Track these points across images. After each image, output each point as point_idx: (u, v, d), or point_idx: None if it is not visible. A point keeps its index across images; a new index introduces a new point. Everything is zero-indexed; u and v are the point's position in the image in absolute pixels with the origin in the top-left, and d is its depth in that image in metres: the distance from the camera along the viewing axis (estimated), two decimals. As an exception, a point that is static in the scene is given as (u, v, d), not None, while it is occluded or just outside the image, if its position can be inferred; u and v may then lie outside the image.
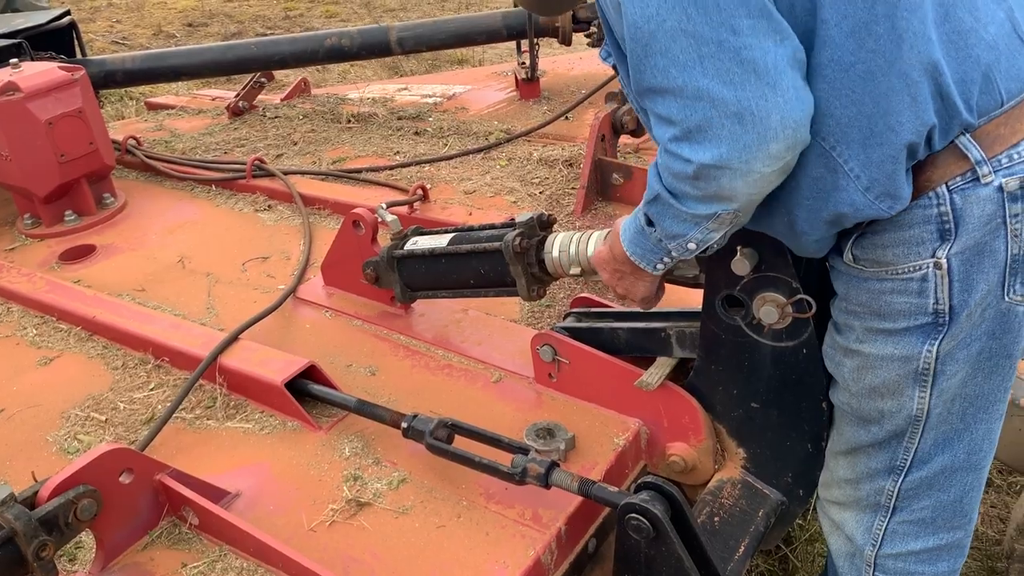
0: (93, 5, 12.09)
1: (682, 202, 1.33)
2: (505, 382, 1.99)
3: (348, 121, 3.78)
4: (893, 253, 1.35)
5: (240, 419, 1.94)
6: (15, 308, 2.52)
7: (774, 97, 1.18)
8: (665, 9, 1.19)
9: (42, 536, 1.36)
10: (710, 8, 1.17)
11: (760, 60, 1.18)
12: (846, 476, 1.60)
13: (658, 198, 1.37)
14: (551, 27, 3.72)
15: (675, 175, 1.30)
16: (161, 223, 3.01)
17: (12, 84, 2.80)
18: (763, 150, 1.21)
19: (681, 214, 1.35)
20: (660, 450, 1.83)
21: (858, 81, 1.24)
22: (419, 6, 10.73)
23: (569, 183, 2.90)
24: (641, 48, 1.24)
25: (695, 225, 1.35)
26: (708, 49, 1.18)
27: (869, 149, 1.27)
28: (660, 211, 1.39)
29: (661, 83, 1.24)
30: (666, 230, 1.40)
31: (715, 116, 1.20)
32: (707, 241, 1.39)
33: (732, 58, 1.18)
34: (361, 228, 2.21)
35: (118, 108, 6.90)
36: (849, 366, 1.49)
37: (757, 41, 1.17)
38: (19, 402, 2.08)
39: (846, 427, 1.57)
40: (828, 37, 1.23)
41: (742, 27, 1.17)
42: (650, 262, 1.50)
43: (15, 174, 2.90)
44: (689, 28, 1.18)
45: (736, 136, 1.20)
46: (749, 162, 1.22)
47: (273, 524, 1.62)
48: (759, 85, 1.18)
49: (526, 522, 1.59)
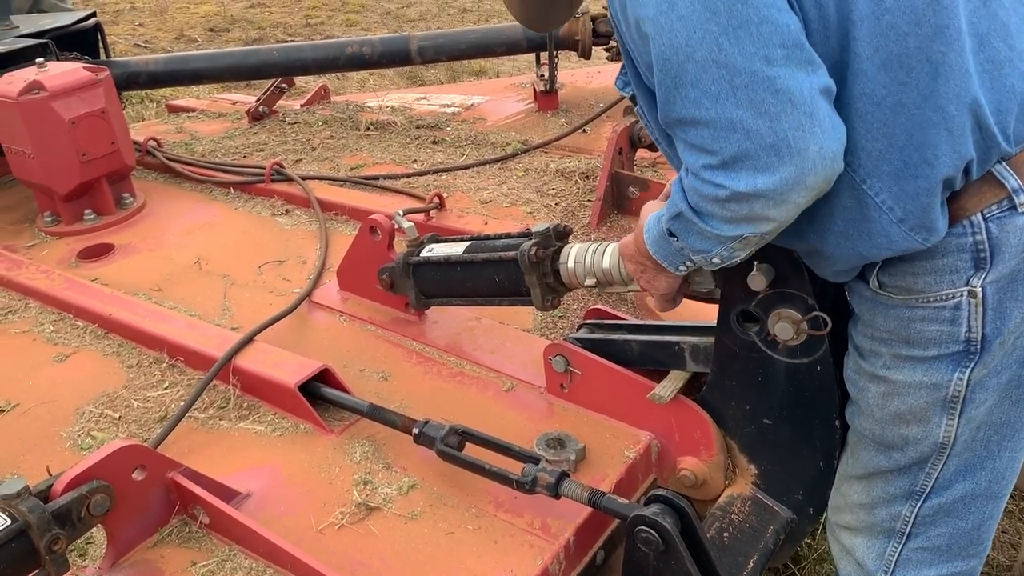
0: (116, 8, 12.22)
1: (708, 222, 1.31)
2: (517, 391, 2.00)
3: (367, 128, 3.80)
4: (925, 281, 1.33)
5: (253, 420, 1.95)
6: (33, 304, 2.54)
7: (811, 128, 1.16)
8: (695, 39, 1.16)
9: (55, 530, 1.37)
10: (743, 38, 1.14)
11: (796, 90, 1.16)
12: (860, 500, 1.58)
13: (681, 215, 1.35)
14: (571, 40, 3.74)
15: (704, 197, 1.28)
16: (179, 224, 3.04)
17: (37, 83, 2.84)
18: (801, 182, 1.19)
19: (706, 232, 1.32)
20: (671, 464, 1.82)
21: (889, 114, 1.23)
22: (439, 17, 10.80)
23: (585, 195, 2.90)
24: (671, 79, 1.22)
25: (720, 244, 1.33)
26: (741, 80, 1.16)
27: (903, 182, 1.26)
28: (683, 227, 1.37)
29: (693, 114, 1.21)
30: (690, 245, 1.38)
31: (751, 147, 1.18)
32: (732, 258, 1.37)
33: (767, 88, 1.15)
34: (378, 234, 2.22)
35: (138, 110, 6.97)
36: (874, 392, 1.47)
37: (791, 71, 1.15)
38: (34, 397, 2.10)
39: (863, 452, 1.55)
40: (860, 70, 1.22)
41: (776, 57, 1.15)
42: (672, 264, 1.48)
43: (37, 172, 2.93)
44: (721, 58, 1.16)
45: (773, 167, 1.18)
46: (785, 193, 1.20)
47: (283, 525, 1.62)
48: (796, 116, 1.16)
49: (535, 531, 1.59)
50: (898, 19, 1.20)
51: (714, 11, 1.14)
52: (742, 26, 1.14)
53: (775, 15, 1.15)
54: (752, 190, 1.20)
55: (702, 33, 1.16)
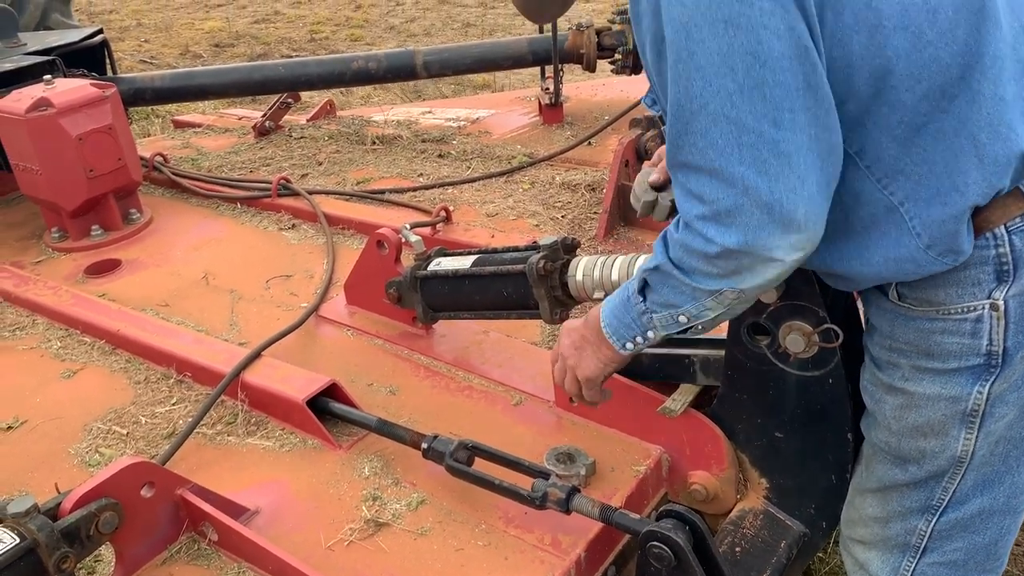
0: (122, 24, 12.31)
1: (689, 275, 1.32)
2: (525, 405, 1.99)
3: (373, 143, 3.81)
4: (946, 293, 1.32)
5: (261, 436, 1.94)
6: (40, 320, 2.54)
7: (803, 191, 1.19)
8: (709, 92, 1.18)
9: (64, 548, 1.36)
10: (755, 98, 1.16)
11: (795, 154, 1.18)
12: (875, 514, 1.56)
13: (659, 268, 1.37)
14: (575, 53, 3.75)
15: (690, 251, 1.30)
16: (186, 239, 3.04)
17: (45, 100, 2.85)
18: (786, 239, 1.22)
19: (682, 285, 1.34)
20: (682, 478, 1.81)
21: (931, 140, 1.24)
22: (443, 32, 10.86)
23: (591, 208, 2.90)
24: (681, 125, 1.23)
25: (694, 299, 1.34)
26: (748, 138, 1.17)
27: (932, 208, 1.26)
28: (659, 279, 1.38)
29: (697, 162, 1.23)
30: (661, 298, 1.39)
31: (746, 203, 1.20)
32: (699, 318, 1.37)
33: (771, 150, 1.17)
34: (385, 248, 2.22)
35: (144, 126, 6.99)
36: (891, 404, 1.45)
37: (795, 135, 1.17)
38: (42, 414, 2.10)
39: (878, 465, 1.53)
40: (898, 101, 1.23)
41: (784, 120, 1.16)
42: (621, 338, 1.48)
43: (44, 188, 2.94)
44: (732, 115, 1.17)
45: (762, 225, 1.21)
46: (772, 250, 1.22)
47: (291, 542, 1.61)
48: (791, 178, 1.18)
49: (545, 547, 1.58)
50: (941, 51, 1.20)
51: (732, 68, 1.15)
52: (756, 87, 1.15)
53: (790, 79, 1.16)
54: (740, 246, 1.23)
55: (717, 87, 1.17)
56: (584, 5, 11.47)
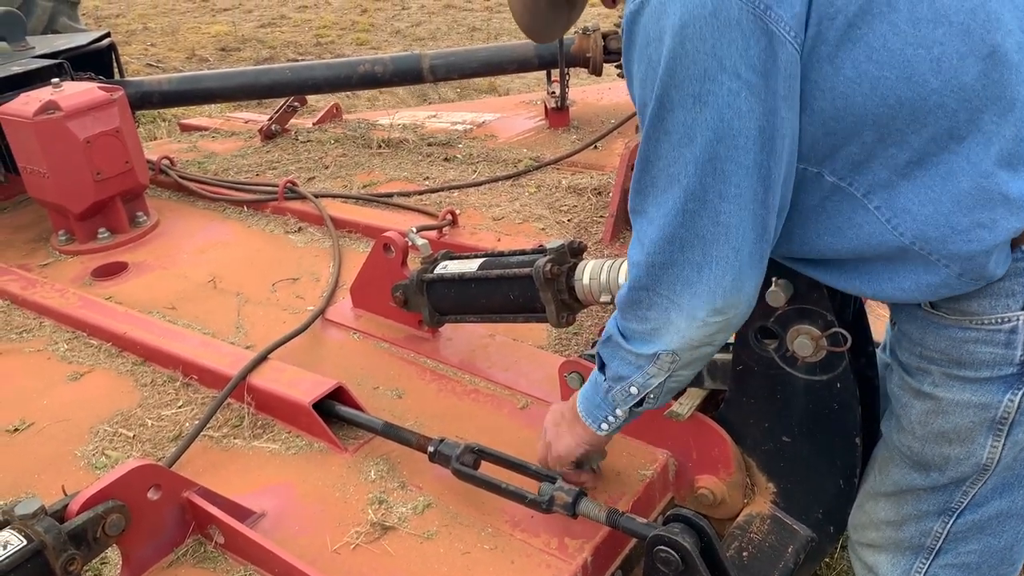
0: (129, 28, 12.35)
1: (629, 341, 1.40)
2: (532, 408, 1.98)
3: (379, 146, 3.81)
4: (980, 304, 1.32)
5: (267, 439, 1.94)
6: (47, 323, 2.55)
7: (734, 260, 1.26)
8: (671, 156, 1.24)
9: (71, 550, 1.37)
10: (708, 171, 1.21)
11: (734, 227, 1.24)
12: (888, 518, 1.55)
13: (611, 339, 1.44)
14: (582, 57, 3.74)
15: (625, 303, 1.37)
16: (193, 243, 3.05)
17: (53, 103, 2.86)
18: (710, 303, 1.29)
19: (628, 355, 1.41)
20: (688, 482, 1.80)
21: (938, 180, 1.23)
22: (448, 35, 10.87)
23: (597, 211, 2.90)
24: (645, 176, 1.29)
25: (637, 367, 1.41)
26: (693, 205, 1.24)
27: (951, 246, 1.26)
28: (611, 352, 1.45)
29: (652, 213, 1.29)
30: (613, 372, 1.46)
31: (679, 260, 1.28)
32: (647, 387, 1.42)
33: (711, 219, 1.24)
34: (391, 251, 2.22)
35: (150, 129, 7.01)
36: (919, 408, 1.44)
37: (738, 208, 1.23)
38: (49, 416, 2.10)
39: (895, 470, 1.52)
40: (905, 142, 1.23)
41: (729, 194, 1.22)
42: (595, 419, 1.53)
43: (52, 191, 2.95)
44: (684, 181, 1.23)
45: (691, 281, 1.29)
46: (695, 308, 1.30)
47: (297, 545, 1.61)
48: (725, 247, 1.25)
49: (552, 551, 1.58)
50: (946, 98, 1.20)
51: (692, 139, 1.21)
52: (711, 160, 1.21)
53: (744, 157, 1.20)
54: (670, 295, 1.31)
55: (677, 154, 1.23)
56: (590, 9, 11.44)
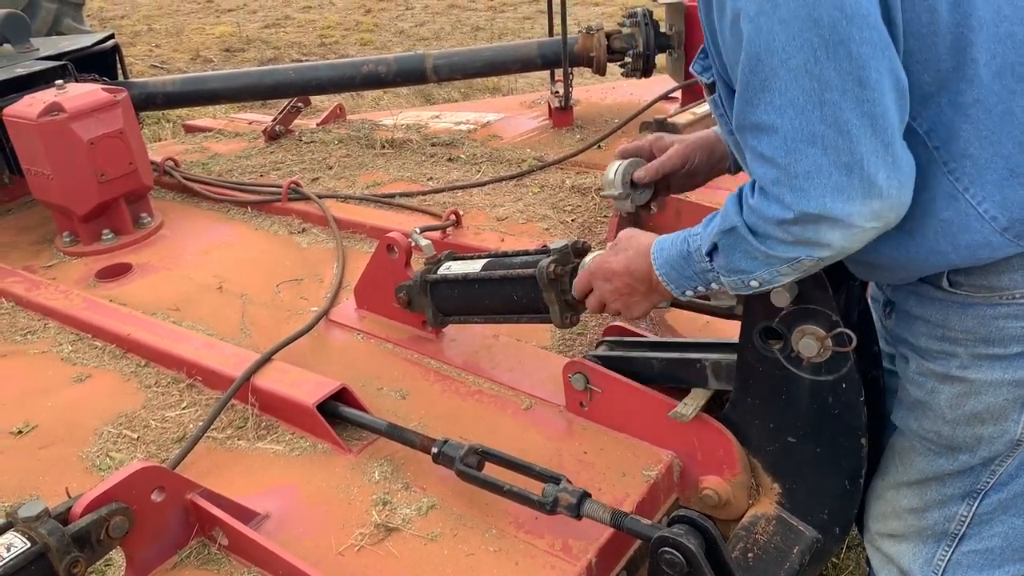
0: (134, 29, 12.38)
1: (763, 242, 1.27)
2: (536, 409, 1.98)
3: (382, 147, 3.81)
4: (1010, 279, 1.28)
5: (271, 440, 1.94)
6: (52, 324, 2.55)
7: (885, 155, 1.15)
8: (793, 46, 1.13)
9: (74, 552, 1.36)
10: (841, 55, 1.12)
11: (880, 116, 1.14)
12: (911, 506, 1.52)
13: (734, 231, 1.31)
14: (585, 56, 3.74)
15: (765, 218, 1.25)
16: (197, 244, 3.05)
17: (56, 104, 2.86)
18: (867, 205, 1.17)
19: (756, 252, 1.29)
20: (693, 483, 1.80)
21: (999, 121, 1.21)
22: (452, 35, 10.87)
23: (601, 211, 2.90)
24: (759, 81, 1.18)
25: (767, 265, 1.30)
26: (831, 96, 1.13)
27: (1007, 190, 1.22)
28: (731, 244, 1.33)
29: (773, 122, 1.18)
30: (730, 264, 1.34)
31: (825, 164, 1.15)
32: (772, 283, 1.33)
33: (855, 109, 1.13)
34: (395, 252, 2.22)
35: (155, 130, 7.03)
36: (948, 393, 1.41)
37: (881, 96, 1.14)
38: (53, 418, 2.10)
39: (920, 458, 1.49)
40: (976, 75, 1.19)
41: (870, 79, 1.13)
42: (681, 287, 1.45)
43: (56, 192, 2.95)
44: (815, 71, 1.13)
45: (842, 188, 1.16)
46: (851, 216, 1.17)
47: (302, 547, 1.61)
48: (874, 141, 1.14)
49: (556, 553, 1.57)
50: (1016, 27, 1.17)
51: (817, 22, 1.11)
52: (842, 43, 1.12)
53: (876, 37, 1.12)
54: (820, 210, 1.18)
55: (801, 41, 1.13)
56: (594, 8, 11.48)
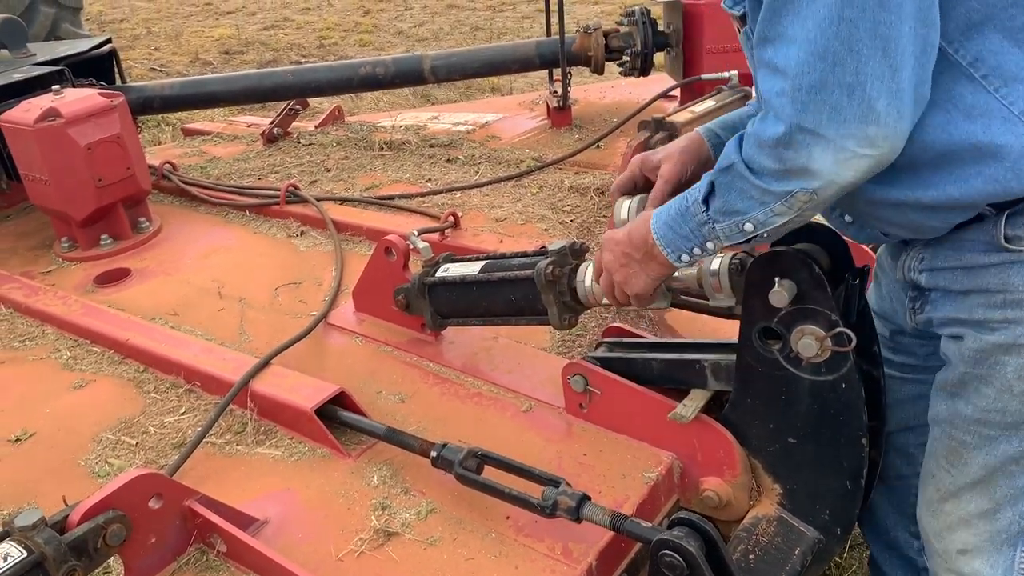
0: (133, 33, 12.39)
1: (758, 175, 1.28)
2: (535, 411, 1.97)
3: (381, 148, 3.80)
4: None
5: (270, 445, 1.93)
6: (50, 330, 2.54)
7: (891, 81, 1.15)
8: None
9: (71, 561, 1.36)
10: None
11: (894, 40, 1.14)
12: (979, 509, 1.47)
13: (732, 168, 1.32)
14: (583, 56, 3.73)
15: (761, 141, 1.25)
16: (195, 248, 3.04)
17: (53, 110, 2.86)
18: (862, 130, 1.17)
19: (750, 189, 1.30)
20: (693, 484, 1.79)
21: None
22: (451, 36, 10.87)
23: (600, 211, 2.89)
24: None
25: (761, 204, 1.30)
26: (850, 12, 1.13)
27: None
28: (728, 182, 1.33)
29: (793, 33, 1.18)
30: (727, 206, 1.34)
31: (829, 81, 1.16)
32: (767, 225, 1.31)
33: (870, 31, 1.13)
34: (393, 255, 2.21)
35: (154, 133, 7.03)
36: (1014, 364, 1.36)
37: (899, 21, 1.13)
38: (51, 425, 2.10)
39: (975, 452, 1.44)
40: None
41: (891, 2, 1.13)
42: (677, 250, 1.43)
43: (54, 198, 2.95)
44: None
45: (839, 108, 1.16)
46: (844, 137, 1.18)
47: (301, 552, 1.60)
48: (882, 65, 1.14)
49: (556, 556, 1.56)
50: None
51: None
52: None
53: None
54: (813, 125, 1.18)
55: None
56: (592, 7, 11.47)
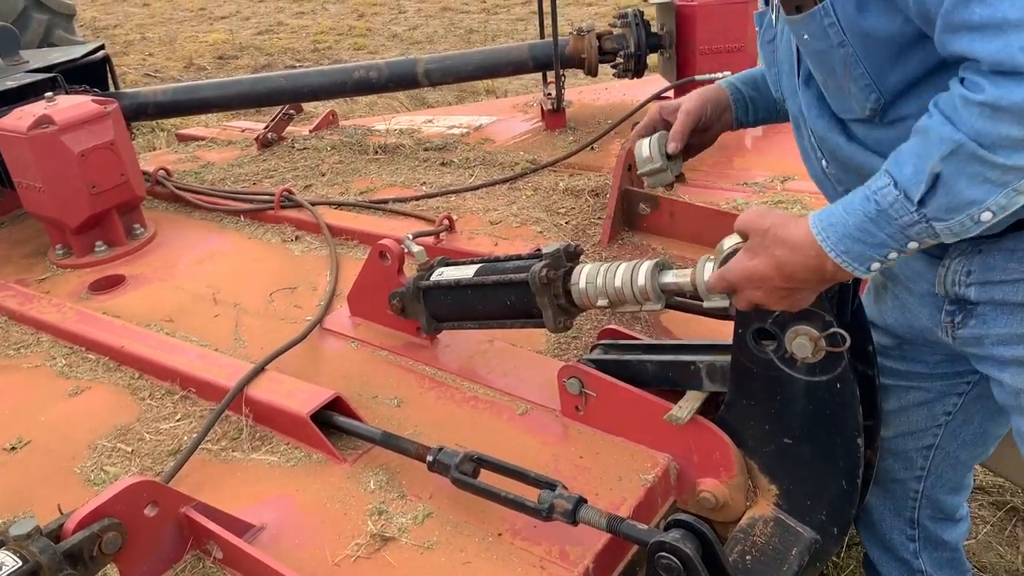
0: (127, 39, 12.39)
1: (997, 151, 1.11)
2: (531, 414, 1.97)
3: (375, 152, 3.80)
4: None
5: (265, 451, 1.93)
6: (45, 338, 2.54)
7: None
8: None
9: (67, 570, 1.36)
10: None
11: None
12: None
13: (959, 150, 1.14)
14: (577, 58, 3.73)
15: (1003, 107, 1.10)
16: (190, 254, 3.04)
17: (47, 117, 2.85)
18: None
19: (987, 170, 1.13)
20: (690, 486, 1.79)
21: None
22: (445, 39, 10.87)
23: (595, 213, 2.89)
24: None
25: (1001, 185, 1.13)
26: None
27: None
28: (956, 170, 1.15)
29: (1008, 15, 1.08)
30: (954, 199, 1.17)
31: None
32: (1009, 207, 1.16)
33: None
34: (387, 259, 2.21)
35: (149, 139, 7.03)
36: None
37: None
38: (47, 432, 2.09)
39: None
40: None
41: None
42: (867, 260, 1.25)
43: (48, 205, 2.94)
44: None
45: None
46: None
47: (297, 558, 1.60)
48: None
49: (553, 559, 1.56)
50: None
51: None
52: None
53: None
54: None
55: None
56: (586, 9, 11.48)
